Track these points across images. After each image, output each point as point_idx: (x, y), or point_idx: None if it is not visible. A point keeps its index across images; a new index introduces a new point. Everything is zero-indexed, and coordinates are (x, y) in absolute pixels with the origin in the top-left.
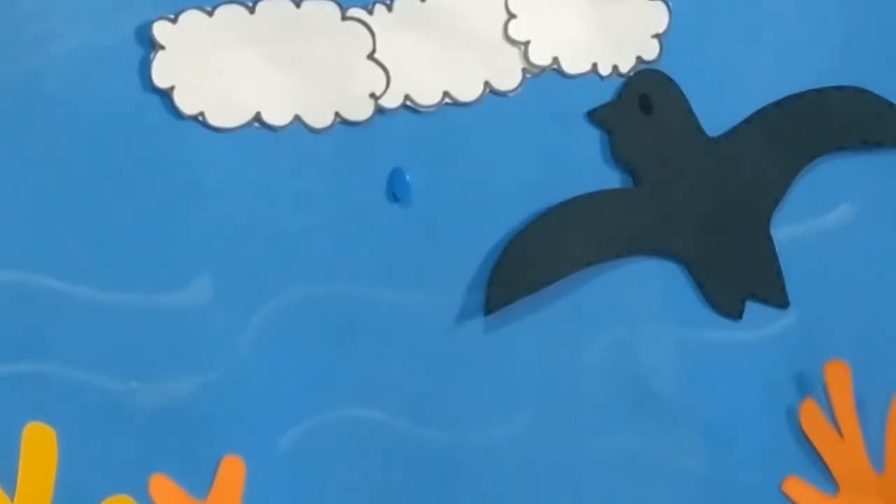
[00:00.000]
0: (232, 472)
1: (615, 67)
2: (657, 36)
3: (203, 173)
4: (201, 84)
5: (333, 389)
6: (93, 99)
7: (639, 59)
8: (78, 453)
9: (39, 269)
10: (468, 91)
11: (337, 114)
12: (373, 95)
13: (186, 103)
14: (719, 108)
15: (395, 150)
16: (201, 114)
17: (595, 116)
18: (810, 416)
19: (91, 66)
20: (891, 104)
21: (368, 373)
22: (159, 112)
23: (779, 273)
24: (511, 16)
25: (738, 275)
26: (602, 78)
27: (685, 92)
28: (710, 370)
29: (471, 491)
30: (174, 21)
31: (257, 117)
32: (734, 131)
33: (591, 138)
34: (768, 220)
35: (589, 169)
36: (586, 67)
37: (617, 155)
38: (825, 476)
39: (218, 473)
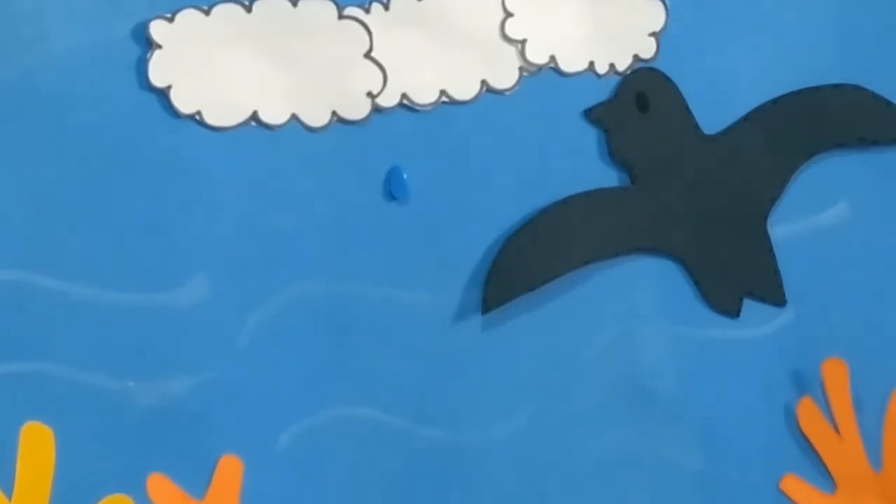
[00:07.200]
0: (229, 471)
1: (612, 66)
2: (654, 34)
3: (200, 172)
4: (198, 83)
5: (331, 388)
6: (90, 98)
7: (636, 57)
8: (75, 452)
9: (36, 268)
10: (465, 90)
11: (334, 112)
12: (370, 94)
13: (183, 102)
14: (716, 106)
15: (392, 148)
16: (198, 113)
17: (592, 115)
18: (808, 414)
19: (88, 65)
20: (888, 102)
21: (366, 371)
22: (156, 111)
23: (776, 271)
24: (508, 14)
25: (736, 273)
26: (599, 76)
27: (682, 90)
28: (708, 368)
29: (468, 489)
30: (171, 20)
31: (254, 116)
32: (731, 129)
33: (588, 137)
34: (765, 218)
35: (586, 167)
36: (583, 66)
37: (614, 153)
38: (823, 474)
39: (215, 472)
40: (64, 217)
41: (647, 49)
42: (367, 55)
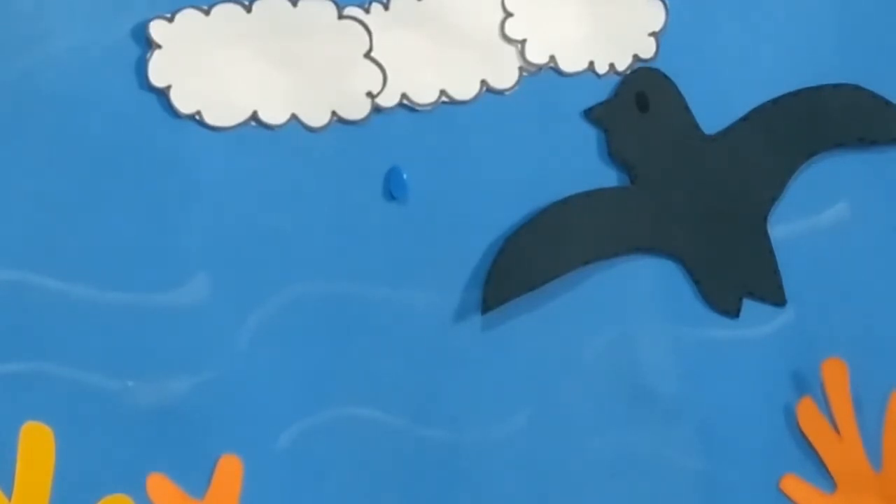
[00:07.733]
0: (229, 471)
1: (612, 66)
2: (654, 34)
3: (200, 172)
4: (198, 83)
5: (331, 388)
6: (89, 98)
7: (636, 57)
8: (75, 452)
9: (36, 268)
10: (465, 89)
11: (334, 112)
12: (369, 94)
13: (183, 102)
14: (716, 105)
15: (392, 148)
16: (198, 113)
17: (592, 115)
18: (808, 414)
19: (88, 65)
20: (888, 102)
21: (366, 371)
22: (156, 111)
23: (776, 271)
24: (507, 14)
25: (736, 273)
26: (599, 76)
27: (682, 90)
28: (708, 368)
29: (469, 489)
30: (171, 20)
31: (254, 116)
32: (731, 129)
33: (588, 136)
34: (765, 217)
35: (586, 167)
36: (583, 66)
37: (614, 153)
38: (823, 474)
39: (215, 472)
40: (63, 216)
41: (647, 49)
42: (367, 55)
